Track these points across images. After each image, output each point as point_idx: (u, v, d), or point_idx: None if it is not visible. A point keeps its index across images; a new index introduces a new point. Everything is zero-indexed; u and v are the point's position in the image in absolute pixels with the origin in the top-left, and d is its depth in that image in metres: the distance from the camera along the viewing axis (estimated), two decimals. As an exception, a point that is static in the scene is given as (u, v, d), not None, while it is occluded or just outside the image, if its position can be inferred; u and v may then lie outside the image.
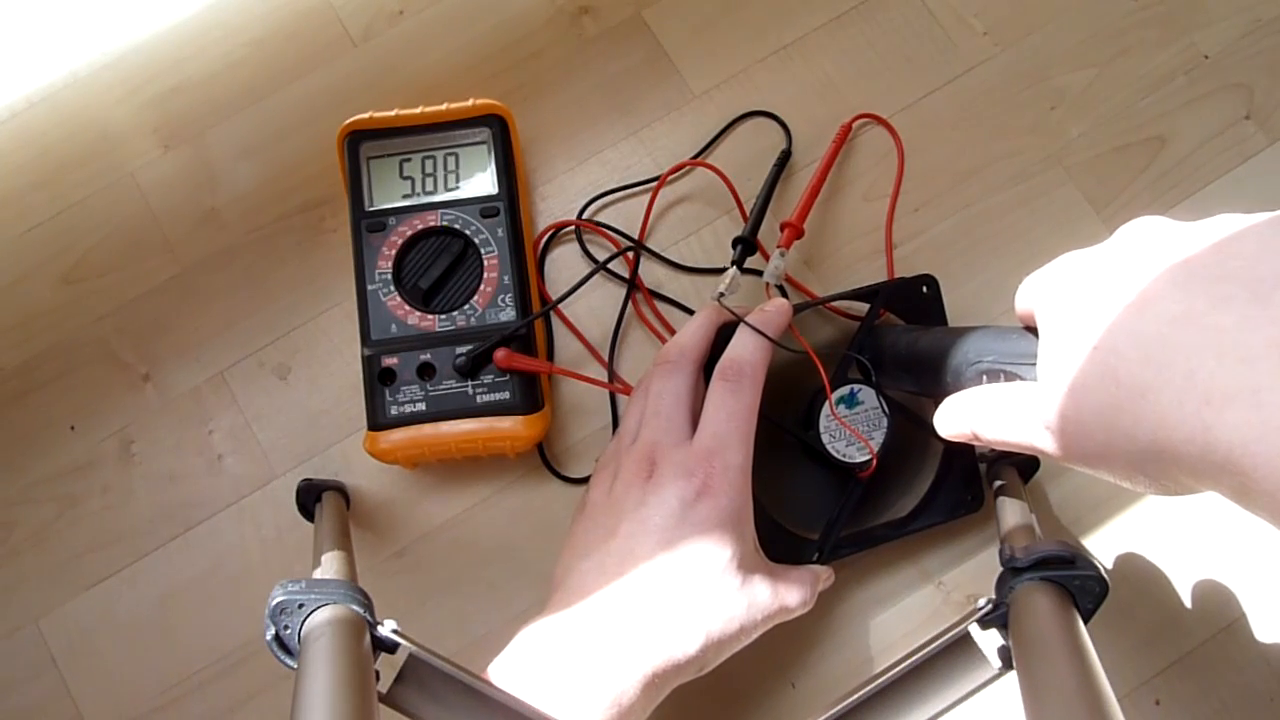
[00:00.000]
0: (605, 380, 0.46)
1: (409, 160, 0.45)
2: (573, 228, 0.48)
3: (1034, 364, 0.28)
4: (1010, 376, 0.31)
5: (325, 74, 0.50)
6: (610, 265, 0.47)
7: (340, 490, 0.44)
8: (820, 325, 0.46)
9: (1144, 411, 0.23)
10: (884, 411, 0.41)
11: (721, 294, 0.43)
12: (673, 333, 0.47)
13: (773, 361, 0.39)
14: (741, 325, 0.39)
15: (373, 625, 0.31)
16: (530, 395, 0.43)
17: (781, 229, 0.45)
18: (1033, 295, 0.29)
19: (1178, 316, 0.23)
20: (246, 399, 0.47)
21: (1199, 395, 0.21)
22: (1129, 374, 0.23)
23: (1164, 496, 0.31)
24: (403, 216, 0.44)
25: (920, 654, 0.34)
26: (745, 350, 0.38)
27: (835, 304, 0.44)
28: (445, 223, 0.44)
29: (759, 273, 0.46)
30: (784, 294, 0.47)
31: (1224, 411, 0.21)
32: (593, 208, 0.48)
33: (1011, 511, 0.39)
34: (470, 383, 0.43)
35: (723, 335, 0.40)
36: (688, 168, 0.48)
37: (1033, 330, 0.29)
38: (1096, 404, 0.24)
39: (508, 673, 0.34)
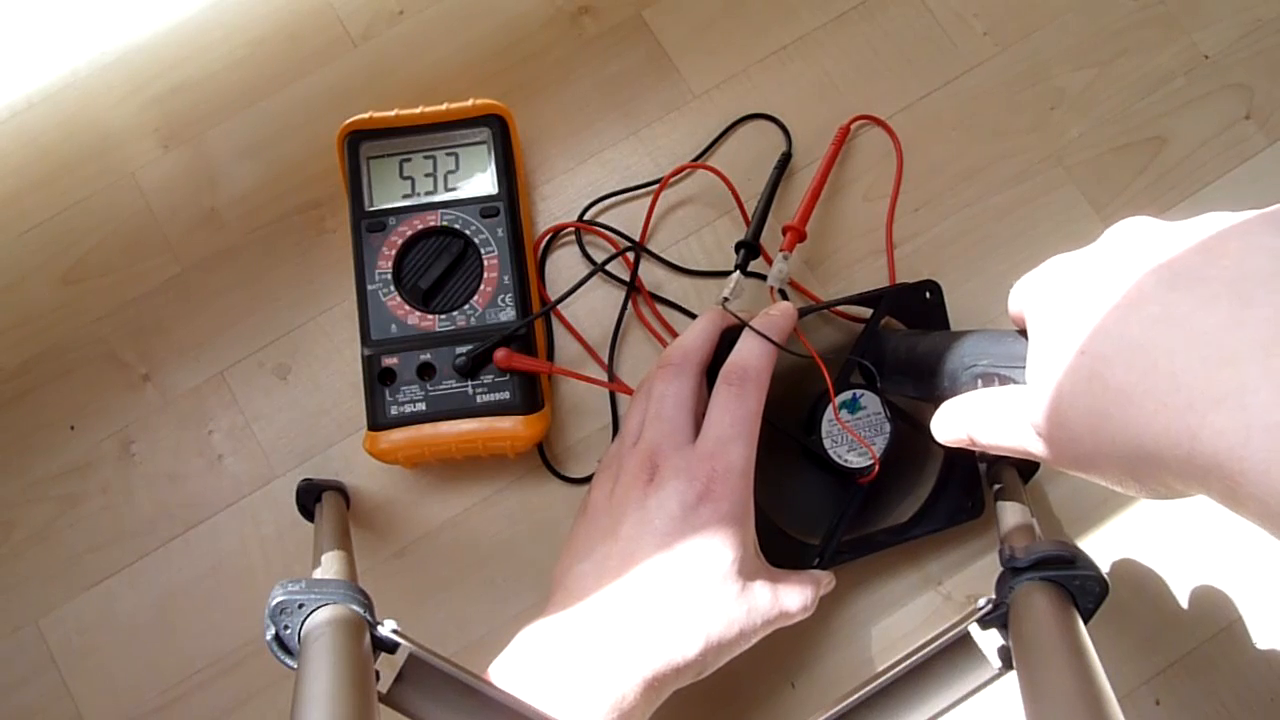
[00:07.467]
0: (605, 380, 0.46)
1: (409, 160, 0.45)
2: (572, 230, 0.48)
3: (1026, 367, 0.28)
4: (1005, 380, 0.31)
5: (325, 74, 0.50)
6: (610, 266, 0.47)
7: (340, 490, 0.44)
8: (820, 327, 0.46)
9: (1130, 416, 0.22)
10: (886, 417, 0.41)
11: (726, 298, 0.43)
12: (673, 334, 0.47)
13: (775, 366, 0.39)
14: (746, 330, 0.39)
15: (373, 625, 0.31)
16: (530, 395, 0.43)
17: (784, 232, 0.45)
18: (1023, 297, 0.29)
19: (1161, 318, 0.22)
20: (246, 399, 0.47)
21: (1184, 399, 0.21)
22: (1114, 378, 0.23)
23: (1156, 500, 0.31)
24: (403, 216, 0.44)
25: (920, 654, 0.34)
26: (750, 355, 0.38)
27: (839, 308, 0.44)
28: (445, 223, 0.44)
29: (761, 276, 0.46)
30: (785, 298, 0.47)
31: (1209, 415, 0.20)
32: (593, 210, 0.48)
33: (1011, 512, 0.39)
34: (470, 383, 0.43)
35: (726, 339, 0.40)
36: (688, 170, 0.48)
37: (1025, 333, 0.29)
38: (1083, 408, 0.24)
39: (508, 673, 0.34)
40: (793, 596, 0.37)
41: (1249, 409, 0.20)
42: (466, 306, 0.44)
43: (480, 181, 0.45)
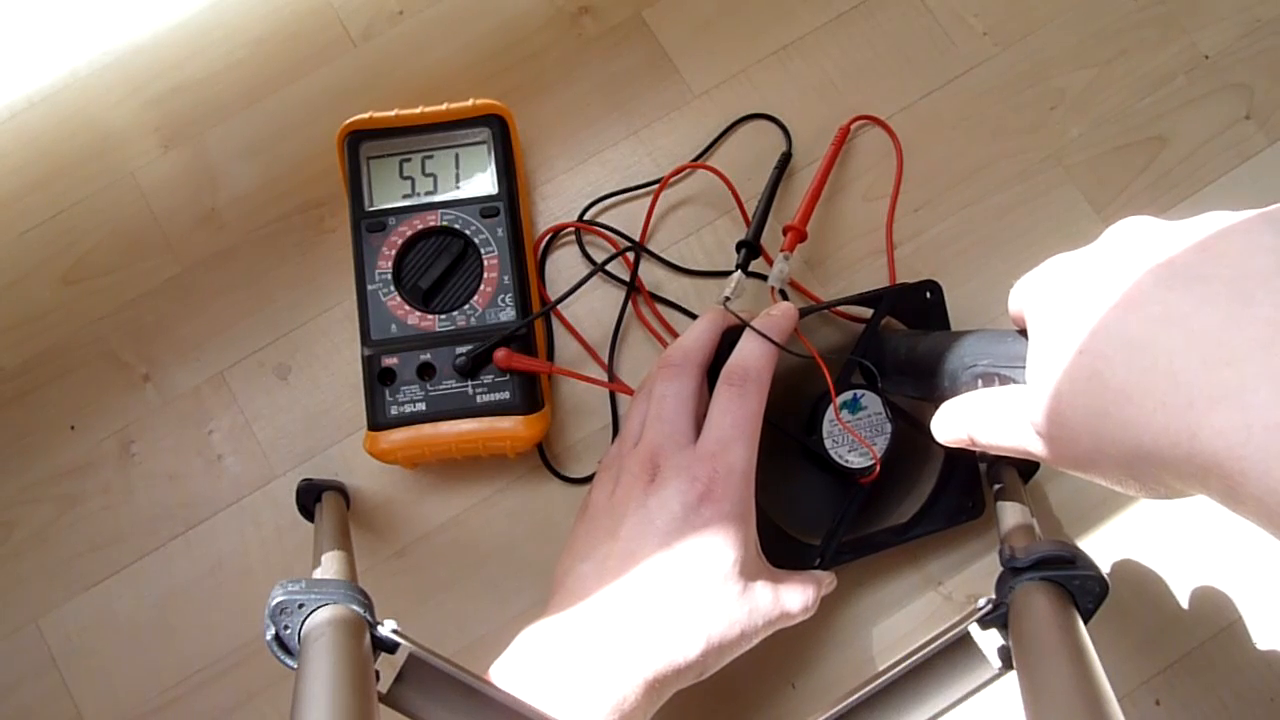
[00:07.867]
0: (605, 380, 0.46)
1: (409, 160, 0.45)
2: (572, 230, 0.48)
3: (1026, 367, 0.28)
4: (1005, 380, 0.31)
5: (325, 74, 0.50)
6: (610, 266, 0.47)
7: (340, 490, 0.44)
8: (820, 327, 0.46)
9: (1129, 415, 0.22)
10: (887, 417, 0.41)
11: (727, 298, 0.43)
12: (673, 334, 0.47)
13: (776, 366, 0.39)
14: (747, 330, 0.39)
15: (373, 625, 0.31)
16: (530, 395, 0.43)
17: (784, 232, 0.45)
18: (1023, 297, 0.29)
19: (1161, 318, 0.22)
20: (246, 399, 0.47)
21: (1183, 399, 0.21)
22: (1114, 377, 0.23)
23: (1156, 500, 0.31)
24: (403, 216, 0.44)
25: (920, 654, 0.34)
26: (751, 355, 0.38)
27: (839, 308, 0.44)
28: (445, 223, 0.44)
29: (761, 276, 0.46)
30: (785, 298, 0.47)
31: (1209, 414, 0.20)
32: (593, 210, 0.48)
33: (1011, 512, 0.39)
34: (470, 383, 0.43)
35: (727, 339, 0.40)
36: (688, 170, 0.48)
37: (1025, 333, 0.29)
38: (1083, 408, 0.24)
39: (509, 674, 0.34)
40: (794, 597, 0.37)
41: (1249, 408, 0.20)
42: (466, 306, 0.44)
43: (480, 181, 0.45)
